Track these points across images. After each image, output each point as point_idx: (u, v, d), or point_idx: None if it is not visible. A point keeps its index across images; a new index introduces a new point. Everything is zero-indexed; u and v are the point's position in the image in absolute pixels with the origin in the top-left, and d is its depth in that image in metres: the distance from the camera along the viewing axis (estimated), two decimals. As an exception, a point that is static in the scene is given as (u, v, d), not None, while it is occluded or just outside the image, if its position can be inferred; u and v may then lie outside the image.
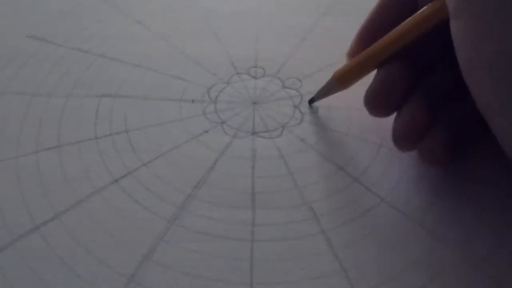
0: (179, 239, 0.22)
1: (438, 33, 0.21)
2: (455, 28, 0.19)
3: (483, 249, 0.21)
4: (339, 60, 0.26)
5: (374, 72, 0.24)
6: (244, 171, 0.24)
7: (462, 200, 0.23)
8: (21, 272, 0.20)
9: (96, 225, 0.22)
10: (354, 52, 0.25)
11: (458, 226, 0.22)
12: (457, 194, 0.23)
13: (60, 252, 0.21)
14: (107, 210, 0.23)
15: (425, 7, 0.22)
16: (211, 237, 0.22)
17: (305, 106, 0.27)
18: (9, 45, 0.31)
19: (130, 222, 0.22)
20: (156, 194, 0.23)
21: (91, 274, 0.20)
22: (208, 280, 0.20)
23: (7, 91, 0.28)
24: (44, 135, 0.26)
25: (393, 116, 0.24)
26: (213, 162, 0.25)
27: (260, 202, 0.23)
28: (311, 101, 0.27)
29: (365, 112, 0.24)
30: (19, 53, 0.30)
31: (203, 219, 0.22)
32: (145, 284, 0.20)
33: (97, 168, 0.24)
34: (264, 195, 0.23)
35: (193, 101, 0.28)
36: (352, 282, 0.20)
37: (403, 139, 0.23)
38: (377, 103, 0.23)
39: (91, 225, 0.22)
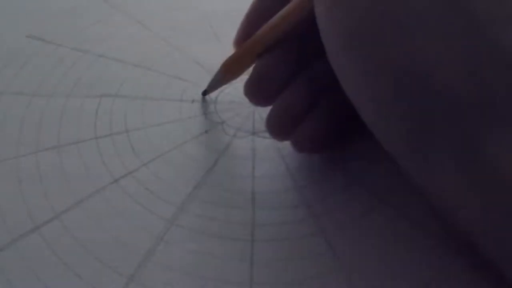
0: (179, 239, 0.22)
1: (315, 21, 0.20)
2: (316, 11, 0.19)
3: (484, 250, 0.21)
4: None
5: None
6: (244, 171, 0.24)
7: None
8: (21, 272, 0.20)
9: (96, 225, 0.22)
10: (239, 41, 0.25)
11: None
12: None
13: (60, 252, 0.21)
14: (107, 210, 0.23)
15: None
16: (211, 237, 0.22)
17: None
18: (9, 45, 0.31)
19: (130, 222, 0.22)
20: (156, 194, 0.23)
21: (91, 274, 0.20)
22: (208, 280, 0.20)
23: (7, 91, 0.28)
24: (44, 135, 0.26)
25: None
26: (213, 162, 0.25)
27: (260, 202, 0.23)
28: (204, 93, 0.27)
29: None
30: (19, 53, 0.30)
31: (203, 219, 0.22)
32: (145, 284, 0.20)
33: (97, 168, 0.24)
34: (264, 195, 0.23)
35: (193, 101, 0.28)
36: (352, 282, 0.20)
37: (277, 124, 0.23)
38: (254, 91, 0.23)
39: (91, 225, 0.22)
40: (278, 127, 0.23)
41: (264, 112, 0.27)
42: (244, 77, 0.24)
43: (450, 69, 0.16)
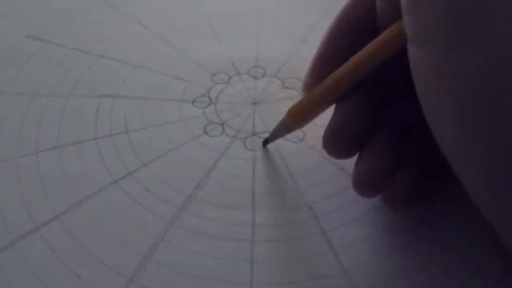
0: (179, 239, 0.22)
1: (401, 59, 0.18)
2: (412, 56, 0.17)
3: (484, 251, 0.21)
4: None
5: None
6: (244, 171, 0.24)
7: (463, 201, 0.23)
8: (21, 272, 0.20)
9: (96, 226, 0.22)
10: (309, 86, 0.22)
11: (459, 228, 0.22)
12: (458, 196, 0.23)
13: (60, 252, 0.21)
14: (107, 210, 0.23)
15: (383, 33, 0.19)
16: (211, 237, 0.22)
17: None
18: (9, 45, 0.31)
19: (130, 223, 0.22)
20: (156, 195, 0.23)
21: (91, 274, 0.20)
22: (208, 280, 0.20)
23: (7, 91, 0.28)
24: (44, 135, 0.26)
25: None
26: (213, 162, 0.25)
27: (261, 203, 0.23)
28: (266, 143, 0.25)
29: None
30: (19, 53, 0.30)
31: (203, 220, 0.22)
32: (145, 284, 0.20)
33: (97, 169, 0.24)
34: (265, 195, 0.23)
35: (193, 101, 0.28)
36: (353, 283, 0.20)
37: (366, 186, 0.20)
38: (337, 144, 0.21)
39: (91, 226, 0.22)
40: (368, 189, 0.21)
41: (264, 112, 0.27)
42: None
43: None
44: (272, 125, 0.26)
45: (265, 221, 0.22)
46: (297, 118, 0.22)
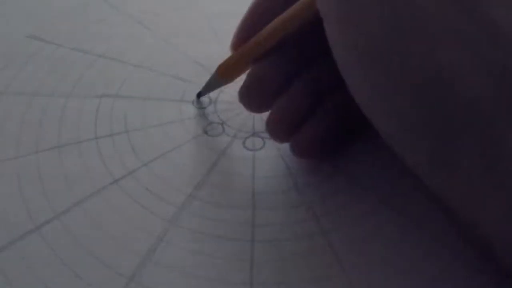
0: (179, 239, 0.22)
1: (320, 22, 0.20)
2: (320, 9, 0.19)
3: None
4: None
5: None
6: (244, 171, 0.24)
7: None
8: (21, 272, 0.20)
9: (96, 225, 0.22)
10: (236, 45, 0.24)
11: (458, 227, 0.22)
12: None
13: (60, 252, 0.21)
14: (107, 210, 0.23)
15: (295, 4, 0.21)
16: (211, 237, 0.22)
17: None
18: (9, 45, 0.31)
19: (130, 223, 0.22)
20: (156, 195, 0.23)
21: (91, 274, 0.20)
22: (208, 280, 0.20)
23: (7, 91, 0.28)
24: (44, 135, 0.26)
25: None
26: (213, 162, 0.25)
27: (260, 203, 0.23)
28: (199, 95, 0.27)
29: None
30: (19, 53, 0.30)
31: (203, 220, 0.22)
32: (145, 284, 0.20)
33: (97, 168, 0.24)
34: (264, 195, 0.23)
35: (193, 101, 0.28)
36: (353, 283, 0.20)
37: (276, 128, 0.23)
38: (249, 98, 0.23)
39: (91, 225, 0.22)
40: (278, 129, 0.23)
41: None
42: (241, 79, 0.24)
43: (474, 76, 0.16)
44: (272, 125, 0.26)
45: (265, 221, 0.22)
46: (223, 73, 0.24)
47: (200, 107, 0.27)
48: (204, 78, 0.29)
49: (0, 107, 0.27)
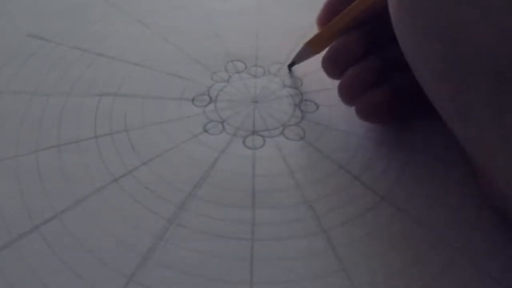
0: (179, 238, 0.22)
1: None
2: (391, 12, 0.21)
3: (484, 248, 0.21)
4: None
5: None
6: (244, 170, 0.24)
7: (462, 199, 0.23)
8: (21, 272, 0.20)
9: (96, 225, 0.22)
10: (321, 20, 0.27)
11: (458, 225, 0.22)
12: (457, 193, 0.23)
13: (60, 252, 0.21)
14: (107, 209, 0.23)
15: None
16: (211, 236, 0.22)
17: (306, 105, 0.27)
18: (9, 44, 0.31)
19: (130, 222, 0.22)
20: (156, 193, 0.23)
21: (91, 274, 0.20)
22: (208, 279, 0.20)
23: (7, 90, 0.28)
24: (44, 134, 0.26)
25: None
26: (213, 161, 0.25)
27: (260, 201, 0.23)
28: (291, 65, 0.29)
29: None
30: (19, 52, 0.30)
31: (203, 218, 0.22)
32: (145, 284, 0.20)
33: (97, 167, 0.24)
34: (264, 194, 0.23)
35: (193, 100, 0.28)
36: (353, 281, 0.20)
37: (346, 90, 0.25)
38: (330, 64, 0.26)
39: (91, 225, 0.22)
40: (346, 92, 0.25)
41: (264, 111, 0.27)
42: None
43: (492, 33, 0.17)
44: (272, 123, 0.26)
45: (265, 220, 0.22)
46: (312, 45, 0.27)
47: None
48: (204, 77, 0.29)
49: (0, 106, 0.27)
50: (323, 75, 0.26)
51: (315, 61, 0.29)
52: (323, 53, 0.26)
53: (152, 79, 0.29)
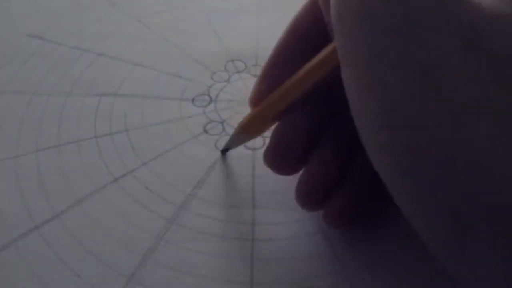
0: (179, 238, 0.22)
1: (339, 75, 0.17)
2: (343, 73, 0.17)
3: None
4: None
5: None
6: (244, 170, 0.24)
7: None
8: (21, 272, 0.20)
9: (96, 225, 0.22)
10: (255, 100, 0.22)
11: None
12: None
13: (60, 252, 0.21)
14: (107, 209, 0.23)
15: (323, 49, 0.19)
16: (211, 236, 0.22)
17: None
18: (9, 44, 0.31)
19: (130, 222, 0.22)
20: (156, 194, 0.23)
21: (91, 273, 0.20)
22: (208, 279, 0.20)
23: (7, 90, 0.28)
24: (44, 134, 0.26)
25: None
26: (213, 161, 0.25)
27: (260, 202, 0.23)
28: (224, 151, 0.25)
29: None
30: (19, 52, 0.30)
31: (203, 219, 0.22)
32: (145, 284, 0.20)
33: (97, 167, 0.24)
34: (264, 194, 0.23)
35: (193, 100, 0.28)
36: (352, 282, 0.20)
37: (309, 200, 0.21)
38: (277, 162, 0.21)
39: (90, 225, 0.22)
40: (311, 201, 0.21)
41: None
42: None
43: (504, 154, 0.13)
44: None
45: (265, 220, 0.22)
46: (246, 130, 0.23)
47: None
48: (204, 77, 0.29)
49: (0, 106, 0.27)
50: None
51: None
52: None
53: (152, 79, 0.29)
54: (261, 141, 0.25)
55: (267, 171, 0.24)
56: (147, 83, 0.28)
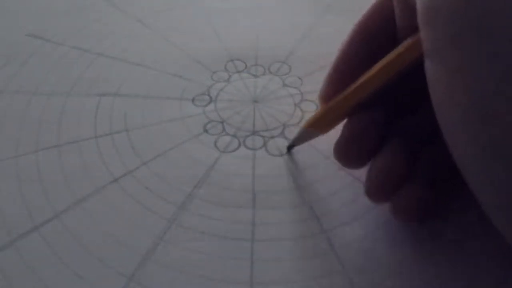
0: (179, 238, 0.21)
1: (420, 69, 0.17)
2: (429, 70, 0.16)
3: (484, 247, 0.21)
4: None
5: None
6: (244, 170, 0.24)
7: (463, 200, 0.23)
8: (21, 272, 0.20)
9: (96, 225, 0.22)
10: (325, 97, 0.22)
11: (458, 226, 0.22)
12: (458, 195, 0.23)
13: (60, 252, 0.21)
14: (107, 209, 0.22)
15: (399, 45, 0.19)
16: (211, 236, 0.22)
17: (306, 105, 0.27)
18: (9, 44, 0.31)
19: (130, 222, 0.22)
20: (156, 194, 0.23)
21: (91, 274, 0.20)
22: (208, 280, 0.20)
23: (7, 90, 0.28)
24: (44, 134, 0.26)
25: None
26: (213, 161, 0.25)
27: (261, 202, 0.23)
28: (290, 148, 0.25)
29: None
30: (19, 51, 0.30)
31: (203, 219, 0.22)
32: (145, 284, 0.20)
33: (97, 167, 0.24)
34: (265, 194, 0.23)
35: (193, 99, 0.28)
36: (353, 282, 0.20)
37: (378, 191, 0.21)
38: (346, 155, 0.21)
39: (90, 225, 0.22)
40: (380, 193, 0.21)
41: (264, 110, 0.27)
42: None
43: None
44: (272, 123, 0.26)
45: (265, 220, 0.22)
46: (316, 127, 0.23)
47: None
48: (204, 76, 0.29)
49: (0, 106, 0.27)
50: (323, 74, 0.26)
51: (315, 60, 0.30)
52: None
53: (152, 79, 0.29)
54: (261, 141, 0.25)
55: (267, 171, 0.24)
56: (147, 83, 0.28)
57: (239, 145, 0.25)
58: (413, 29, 0.18)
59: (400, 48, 0.19)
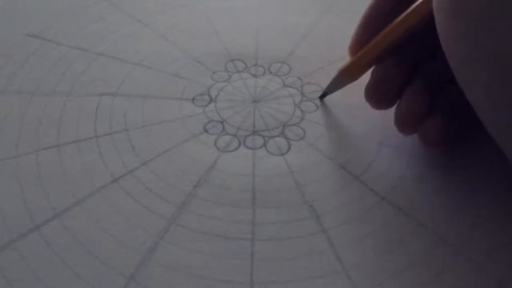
0: (179, 238, 0.21)
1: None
2: (437, 22, 0.20)
3: (484, 248, 0.21)
4: (340, 57, 0.26)
5: None
6: (244, 170, 0.24)
7: (462, 199, 0.23)
8: (21, 272, 0.20)
9: (96, 224, 0.22)
10: (354, 47, 0.26)
11: (459, 225, 0.22)
12: (457, 193, 0.23)
13: (60, 252, 0.21)
14: (107, 209, 0.22)
15: (415, 3, 0.23)
16: (211, 236, 0.22)
17: (306, 105, 0.27)
18: (9, 44, 0.31)
19: (130, 222, 0.22)
20: (156, 193, 0.23)
21: (91, 273, 0.20)
22: (208, 279, 0.20)
23: (7, 90, 0.28)
24: (44, 134, 0.26)
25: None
26: (213, 161, 0.25)
27: (261, 201, 0.23)
28: (323, 96, 0.27)
29: (366, 110, 0.24)
30: (19, 51, 0.30)
31: (204, 218, 0.22)
32: (145, 284, 0.20)
33: (97, 167, 0.24)
34: (265, 194, 0.23)
35: (193, 99, 0.28)
36: (353, 281, 0.20)
37: (404, 124, 0.24)
38: (375, 96, 0.24)
39: (90, 225, 0.22)
40: (407, 125, 0.24)
41: (264, 110, 0.27)
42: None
43: None
44: (272, 123, 0.26)
45: (265, 220, 0.22)
46: (346, 74, 0.26)
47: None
48: (204, 76, 0.29)
49: (0, 106, 0.27)
50: (323, 74, 0.26)
51: (315, 60, 0.30)
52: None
53: (152, 78, 0.29)
54: (261, 141, 0.25)
55: (267, 170, 0.24)
56: (147, 83, 0.28)
57: (239, 144, 0.25)
58: None
59: (413, 6, 0.23)
